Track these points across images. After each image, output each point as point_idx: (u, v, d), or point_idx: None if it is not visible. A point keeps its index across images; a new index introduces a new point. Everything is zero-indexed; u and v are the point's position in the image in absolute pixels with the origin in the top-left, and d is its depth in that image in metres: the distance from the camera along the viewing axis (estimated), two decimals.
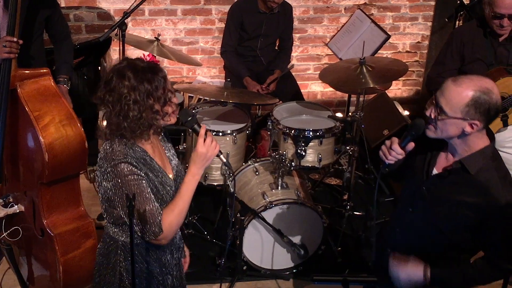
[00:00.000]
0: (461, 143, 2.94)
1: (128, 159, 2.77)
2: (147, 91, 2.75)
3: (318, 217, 4.61)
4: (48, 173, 3.72)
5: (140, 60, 2.85)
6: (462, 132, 2.88)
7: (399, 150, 2.99)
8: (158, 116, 2.82)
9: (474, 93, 2.79)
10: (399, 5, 6.76)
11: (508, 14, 4.11)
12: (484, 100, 2.80)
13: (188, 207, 2.89)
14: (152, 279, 3.05)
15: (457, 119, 2.84)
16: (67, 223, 3.94)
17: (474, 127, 2.85)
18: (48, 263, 3.98)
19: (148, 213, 2.77)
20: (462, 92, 2.81)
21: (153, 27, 6.44)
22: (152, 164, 2.88)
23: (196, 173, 2.88)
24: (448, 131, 2.89)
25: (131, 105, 2.74)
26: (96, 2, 6.24)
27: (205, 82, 6.59)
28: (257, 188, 4.70)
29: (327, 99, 7.00)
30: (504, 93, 4.26)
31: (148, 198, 2.78)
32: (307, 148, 4.75)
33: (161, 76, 2.81)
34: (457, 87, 2.82)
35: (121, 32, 4.74)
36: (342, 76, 4.90)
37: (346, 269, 4.68)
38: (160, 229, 2.80)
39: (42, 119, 3.72)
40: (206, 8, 6.46)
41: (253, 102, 5.32)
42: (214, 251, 4.87)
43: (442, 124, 2.88)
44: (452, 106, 2.83)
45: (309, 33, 6.76)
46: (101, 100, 2.81)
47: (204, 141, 2.87)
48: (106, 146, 2.84)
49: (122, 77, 2.75)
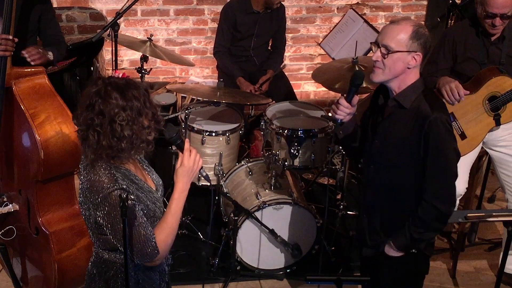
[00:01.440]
0: (397, 81, 3.17)
1: (120, 185, 2.69)
2: (137, 108, 2.68)
3: (311, 217, 4.61)
4: (44, 171, 3.73)
5: (115, 78, 2.76)
6: (406, 67, 3.12)
7: (346, 104, 3.23)
8: (149, 131, 2.75)
9: (413, 27, 3.08)
10: (391, 5, 6.77)
11: (500, 13, 4.12)
12: (422, 33, 3.09)
13: (178, 223, 2.85)
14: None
15: (402, 52, 3.08)
16: (62, 221, 3.95)
17: (417, 58, 3.11)
18: (43, 262, 3.98)
19: (143, 237, 2.72)
20: (403, 28, 3.09)
21: (146, 28, 6.43)
22: (138, 182, 2.83)
23: (185, 188, 2.84)
24: (395, 68, 3.12)
25: (124, 125, 2.65)
26: (89, 2, 6.23)
27: (198, 82, 6.59)
28: (251, 188, 4.70)
29: (320, 99, 7.00)
30: (497, 92, 4.27)
31: (142, 223, 2.73)
32: (300, 148, 4.75)
33: (144, 90, 2.74)
34: (397, 25, 3.11)
35: (114, 32, 4.74)
36: (335, 76, 4.90)
37: (339, 269, 4.69)
38: (157, 250, 2.76)
39: (38, 116, 3.73)
40: (198, 8, 6.46)
41: (246, 102, 5.32)
42: (207, 252, 4.86)
43: (389, 61, 3.11)
44: (397, 41, 3.08)
45: (302, 33, 6.76)
46: (87, 126, 2.68)
47: (189, 155, 2.83)
48: (90, 175, 2.74)
49: (108, 98, 2.64)
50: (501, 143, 4.47)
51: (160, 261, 2.89)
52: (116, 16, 4.73)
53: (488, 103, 4.30)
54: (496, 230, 5.30)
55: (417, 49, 3.08)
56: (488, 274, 4.87)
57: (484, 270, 4.92)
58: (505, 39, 4.29)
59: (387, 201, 3.32)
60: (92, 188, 2.71)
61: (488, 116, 4.31)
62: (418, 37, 3.07)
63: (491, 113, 4.31)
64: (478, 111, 4.32)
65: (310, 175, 5.80)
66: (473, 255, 5.06)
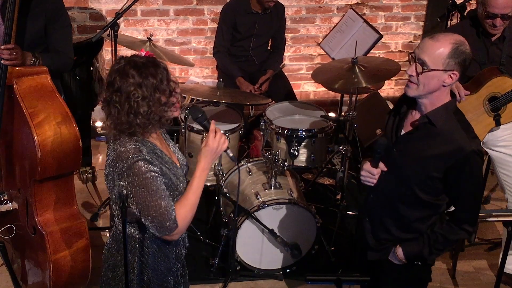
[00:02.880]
0: (431, 98, 3.09)
1: (144, 155, 2.81)
2: (153, 85, 2.80)
3: (311, 217, 4.61)
4: (41, 170, 3.72)
5: (137, 56, 2.87)
6: (441, 84, 3.04)
7: (375, 171, 3.24)
8: (166, 108, 2.87)
9: (452, 45, 2.99)
10: (391, 5, 6.77)
11: (501, 14, 4.12)
12: (461, 51, 2.99)
13: (198, 200, 2.96)
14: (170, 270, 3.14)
15: (439, 71, 3.00)
16: (59, 222, 3.94)
17: (453, 77, 3.02)
18: (40, 262, 3.98)
19: (164, 209, 2.82)
20: (441, 46, 2.99)
21: (146, 28, 6.43)
22: (163, 157, 2.94)
23: (207, 167, 2.97)
24: (429, 85, 3.04)
25: (140, 101, 2.78)
26: (88, 2, 6.22)
27: (197, 82, 6.59)
28: (250, 188, 4.70)
29: (320, 99, 7.00)
30: (497, 92, 4.27)
31: (164, 195, 2.83)
32: (300, 148, 4.75)
33: (163, 68, 2.87)
34: (435, 42, 3.00)
35: (113, 32, 4.73)
36: (335, 76, 4.90)
37: (339, 269, 4.68)
38: (176, 224, 2.86)
39: (37, 116, 3.72)
40: (198, 9, 6.46)
41: (246, 102, 5.32)
42: (207, 252, 4.86)
43: (424, 78, 3.02)
44: (434, 59, 2.99)
45: (302, 33, 6.76)
46: (107, 102, 2.84)
47: (214, 136, 2.95)
48: (117, 146, 2.86)
49: (125, 76, 2.78)
50: (501, 143, 4.47)
51: (179, 236, 2.97)
52: (116, 16, 4.72)
53: (488, 103, 4.30)
54: (495, 230, 5.30)
55: (454, 67, 2.99)
56: (488, 274, 4.87)
57: (484, 270, 4.92)
58: (505, 39, 4.29)
59: (391, 209, 3.30)
60: (118, 158, 2.84)
61: (488, 116, 4.31)
62: (456, 55, 2.98)
63: (491, 113, 4.31)
64: (478, 112, 4.32)
65: (310, 175, 5.80)
66: (473, 255, 5.06)
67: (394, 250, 3.34)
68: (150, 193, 2.80)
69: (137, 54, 2.91)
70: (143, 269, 3.05)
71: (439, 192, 3.18)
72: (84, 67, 5.23)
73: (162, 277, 3.11)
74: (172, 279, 3.18)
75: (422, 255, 3.29)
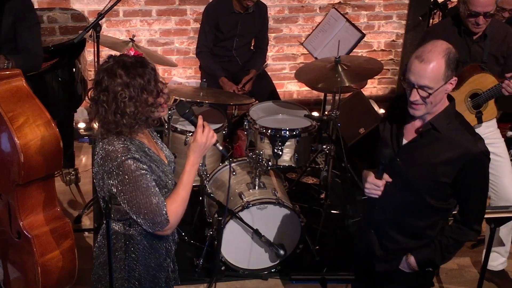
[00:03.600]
0: (430, 108, 3.07)
1: (132, 154, 2.84)
2: (140, 85, 2.81)
3: (295, 216, 4.61)
4: (24, 174, 3.70)
5: (126, 56, 2.88)
6: (445, 94, 3.06)
7: (379, 183, 3.15)
8: (153, 109, 2.89)
9: (445, 58, 2.96)
10: (373, 4, 6.79)
11: (484, 12, 4.13)
12: (453, 58, 2.98)
13: (189, 195, 3.00)
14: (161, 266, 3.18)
15: (442, 86, 2.99)
16: (44, 224, 3.92)
17: (454, 82, 3.04)
18: (26, 266, 3.95)
19: (155, 206, 2.86)
20: (436, 64, 2.95)
21: (128, 28, 6.40)
22: (152, 155, 2.96)
23: (196, 162, 3.00)
24: (436, 100, 3.03)
25: (127, 102, 2.80)
26: (70, 3, 6.19)
27: (181, 82, 6.57)
28: (234, 188, 4.69)
29: (303, 98, 7.01)
30: (478, 89, 4.29)
31: (154, 192, 2.87)
32: (283, 148, 4.76)
33: (151, 68, 2.87)
34: (429, 64, 2.95)
35: (96, 33, 4.71)
36: (318, 75, 4.91)
37: (324, 268, 4.69)
38: (167, 220, 2.90)
39: (17, 119, 3.69)
40: (181, 9, 6.44)
41: (229, 102, 5.32)
42: (191, 252, 4.85)
43: (432, 98, 3.00)
44: (435, 80, 2.96)
45: (284, 32, 6.76)
46: (95, 101, 2.85)
47: (202, 131, 2.99)
48: (105, 145, 2.88)
49: (113, 75, 2.80)
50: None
51: (171, 231, 3.03)
52: (98, 17, 4.70)
53: (470, 100, 4.32)
54: None
55: (452, 75, 3.00)
56: (471, 271, 4.90)
57: (467, 267, 4.95)
58: (487, 38, 4.31)
59: (400, 220, 3.27)
60: (106, 157, 2.86)
61: (470, 113, 4.33)
62: (451, 63, 2.97)
63: (473, 110, 4.33)
64: (460, 109, 4.33)
65: (294, 175, 5.80)
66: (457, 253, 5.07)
67: (406, 259, 3.31)
68: (140, 191, 2.83)
69: (126, 53, 2.91)
70: (134, 265, 3.07)
71: (449, 196, 3.18)
72: (66, 69, 5.20)
73: (153, 273, 3.14)
74: (163, 274, 3.21)
75: (435, 261, 3.30)
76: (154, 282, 3.15)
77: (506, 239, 4.61)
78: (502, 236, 4.57)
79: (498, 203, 4.50)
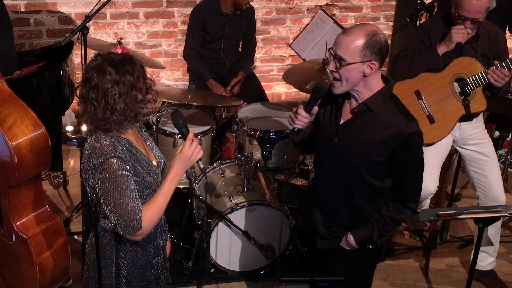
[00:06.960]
0: (362, 88, 3.19)
1: (118, 153, 2.85)
2: (130, 82, 2.84)
3: (284, 217, 4.61)
4: (18, 175, 3.70)
5: (114, 54, 2.90)
6: (363, 75, 3.14)
7: (305, 114, 3.30)
8: (142, 105, 2.91)
9: (366, 37, 3.07)
10: (360, 5, 6.81)
11: (471, 18, 4.15)
12: (376, 41, 3.08)
13: (166, 205, 2.98)
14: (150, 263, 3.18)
15: (357, 63, 3.10)
16: (37, 224, 3.93)
17: (373, 67, 3.12)
18: (21, 267, 3.94)
19: (130, 209, 2.85)
20: (355, 39, 3.08)
21: (115, 31, 6.39)
22: (138, 154, 2.97)
23: (179, 174, 2.99)
24: (351, 78, 3.14)
25: (117, 98, 2.82)
26: (57, 6, 6.17)
27: (169, 85, 6.57)
28: (223, 190, 4.69)
29: (292, 100, 7.02)
30: (463, 74, 4.28)
31: (132, 196, 2.86)
32: (272, 149, 4.76)
33: (139, 66, 2.90)
34: (349, 36, 3.09)
35: (83, 36, 4.70)
36: (306, 77, 4.92)
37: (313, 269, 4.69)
38: (140, 225, 2.88)
39: (5, 121, 3.69)
40: (168, 11, 6.44)
41: (218, 104, 5.32)
42: (181, 255, 4.84)
43: (345, 72, 3.12)
44: (350, 53, 3.09)
45: (272, 34, 6.77)
46: (84, 99, 2.87)
47: (190, 145, 2.98)
48: (93, 141, 2.90)
49: (103, 73, 2.81)
50: (471, 142, 4.51)
51: (141, 238, 2.98)
52: (85, 20, 4.69)
53: (458, 84, 4.31)
54: (467, 227, 5.35)
55: (371, 58, 3.09)
56: (460, 271, 4.92)
57: (456, 267, 4.97)
58: (479, 39, 4.32)
59: (341, 198, 3.38)
60: (92, 154, 2.88)
61: (457, 101, 4.31)
62: (372, 46, 3.07)
63: (460, 97, 4.31)
64: (445, 93, 4.32)
65: (283, 176, 5.80)
66: (445, 253, 5.10)
67: (346, 237, 3.43)
68: (118, 191, 2.84)
69: (113, 51, 2.93)
70: (121, 263, 3.08)
71: (385, 176, 3.29)
72: (53, 71, 5.18)
73: (141, 270, 3.14)
74: (153, 272, 3.21)
75: (372, 238, 3.39)
76: (142, 279, 3.16)
77: (495, 239, 4.62)
78: (491, 236, 4.58)
79: (486, 203, 4.52)
